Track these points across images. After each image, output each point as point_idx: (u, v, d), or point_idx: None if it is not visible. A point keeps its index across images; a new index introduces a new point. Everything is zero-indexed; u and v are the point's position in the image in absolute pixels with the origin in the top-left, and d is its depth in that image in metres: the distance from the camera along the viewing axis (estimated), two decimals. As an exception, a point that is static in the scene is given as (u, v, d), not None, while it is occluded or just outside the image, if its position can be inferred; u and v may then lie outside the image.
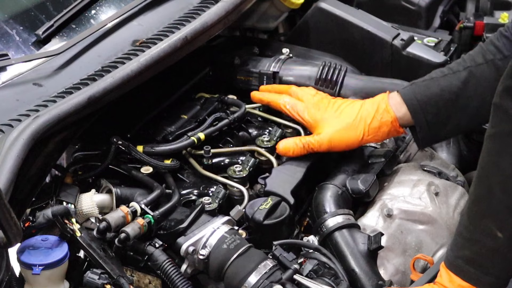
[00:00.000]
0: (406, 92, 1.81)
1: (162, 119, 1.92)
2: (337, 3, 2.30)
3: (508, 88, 1.36)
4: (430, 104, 1.78)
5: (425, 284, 1.54)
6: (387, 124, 1.82)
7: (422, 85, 1.81)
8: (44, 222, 1.61)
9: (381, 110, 1.82)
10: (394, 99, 1.82)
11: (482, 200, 1.43)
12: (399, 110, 1.80)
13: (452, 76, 1.78)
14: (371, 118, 1.82)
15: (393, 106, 1.81)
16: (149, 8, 1.97)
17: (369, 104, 1.84)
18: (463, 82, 1.77)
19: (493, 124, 1.41)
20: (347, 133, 1.83)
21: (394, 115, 1.81)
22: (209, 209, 1.71)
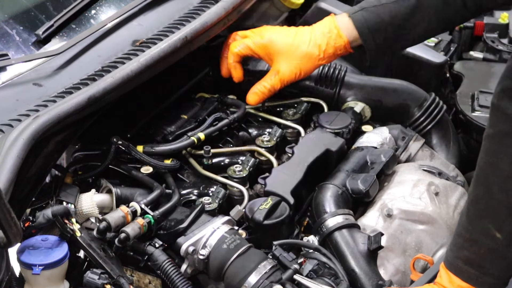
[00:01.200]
0: (357, 19, 1.90)
1: (162, 119, 1.92)
2: (337, 3, 2.30)
3: (506, 88, 1.36)
4: (380, 30, 1.89)
5: (425, 284, 1.54)
6: (341, 48, 1.92)
7: (372, 11, 1.89)
8: (44, 222, 1.61)
9: (333, 36, 1.91)
10: (345, 24, 1.91)
11: (481, 201, 1.43)
12: (350, 34, 1.90)
13: (401, 3, 1.87)
14: (325, 44, 1.92)
15: (344, 31, 1.90)
16: (149, 8, 1.97)
17: (319, 31, 1.93)
18: (412, 9, 1.86)
19: (491, 125, 1.41)
20: (304, 63, 1.93)
21: (346, 39, 1.91)
22: (209, 209, 1.72)
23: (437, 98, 2.10)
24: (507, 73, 1.36)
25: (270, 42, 1.94)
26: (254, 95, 1.96)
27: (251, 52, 1.97)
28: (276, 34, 1.96)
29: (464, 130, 2.17)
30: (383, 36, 1.89)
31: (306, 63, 1.93)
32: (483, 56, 2.43)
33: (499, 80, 1.38)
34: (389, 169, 1.88)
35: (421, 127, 2.08)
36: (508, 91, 1.36)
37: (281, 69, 1.93)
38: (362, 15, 1.90)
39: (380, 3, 1.89)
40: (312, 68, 1.95)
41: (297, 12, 2.39)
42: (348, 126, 1.98)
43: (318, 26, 1.94)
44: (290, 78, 1.94)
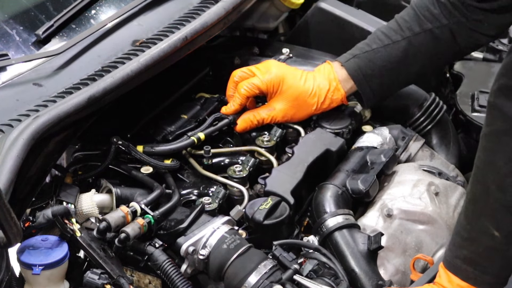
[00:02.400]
0: (351, 67, 1.90)
1: (162, 119, 1.92)
2: (337, 3, 2.30)
3: (502, 87, 1.36)
4: (374, 76, 1.89)
5: (425, 284, 1.54)
6: (337, 102, 1.94)
7: (364, 57, 1.89)
8: (44, 222, 1.61)
9: (332, 89, 1.92)
10: (341, 75, 1.91)
11: (479, 199, 1.43)
12: (346, 85, 1.91)
13: (392, 46, 1.87)
14: (323, 97, 1.92)
15: (342, 83, 1.91)
16: (149, 8, 1.97)
17: (321, 80, 1.92)
18: (403, 51, 1.87)
19: (488, 123, 1.41)
20: (300, 110, 1.93)
21: (344, 93, 1.92)
22: (209, 209, 1.71)
23: (437, 98, 2.10)
24: (503, 71, 1.37)
25: (278, 81, 1.91)
26: (243, 122, 1.93)
27: (258, 92, 1.93)
28: (285, 74, 1.92)
29: (464, 130, 2.17)
30: (378, 81, 1.90)
31: (301, 112, 1.93)
32: (483, 56, 2.42)
33: (495, 79, 1.38)
34: (389, 169, 1.88)
35: (421, 127, 2.08)
36: (505, 89, 1.36)
37: (276, 108, 1.92)
38: (355, 63, 1.90)
39: (371, 49, 1.89)
40: (303, 117, 1.95)
41: (297, 12, 2.40)
42: (348, 126, 1.98)
43: (320, 77, 1.92)
44: (281, 119, 1.94)
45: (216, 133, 1.93)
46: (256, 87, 1.92)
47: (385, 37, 1.88)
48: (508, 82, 1.35)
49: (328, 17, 2.27)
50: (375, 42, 1.89)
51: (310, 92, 1.91)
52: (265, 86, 1.92)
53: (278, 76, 1.91)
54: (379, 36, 1.89)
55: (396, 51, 1.87)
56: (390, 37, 1.87)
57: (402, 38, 1.86)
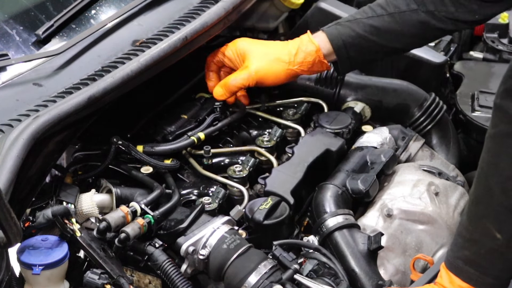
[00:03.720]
0: (331, 32, 1.91)
1: (162, 119, 1.92)
2: (337, 3, 2.30)
3: (508, 89, 1.36)
4: (353, 44, 1.89)
5: (425, 284, 1.54)
6: (312, 54, 1.91)
7: (346, 25, 1.91)
8: (44, 222, 1.61)
9: (305, 42, 1.92)
10: (319, 37, 1.92)
11: (482, 201, 1.42)
12: (324, 47, 1.91)
13: (376, 19, 1.89)
14: (296, 49, 1.91)
15: (318, 42, 1.91)
16: (149, 8, 1.97)
17: (292, 41, 1.95)
18: (386, 26, 1.88)
19: (493, 125, 1.41)
20: (273, 65, 1.91)
21: (317, 45, 1.91)
22: (209, 209, 1.72)
23: (437, 98, 2.10)
24: (510, 74, 1.36)
25: (243, 45, 1.95)
26: (220, 88, 1.94)
27: (225, 58, 1.97)
28: (249, 41, 1.97)
29: (464, 130, 2.17)
30: (357, 49, 1.90)
31: (275, 67, 1.91)
32: (483, 56, 2.42)
33: (502, 80, 1.38)
34: (389, 169, 1.88)
35: (421, 127, 2.08)
36: (511, 92, 1.35)
37: (249, 66, 1.92)
38: (336, 28, 1.91)
39: (354, 18, 1.91)
40: (282, 72, 1.92)
41: (297, 12, 2.39)
42: (348, 126, 1.98)
43: (293, 39, 1.96)
44: (257, 75, 1.91)
45: (216, 133, 1.93)
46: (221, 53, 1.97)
47: (370, 11, 1.90)
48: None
49: (328, 17, 2.26)
50: (359, 13, 1.92)
51: (281, 48, 1.92)
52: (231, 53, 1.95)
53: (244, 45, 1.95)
54: (364, 9, 1.92)
55: (378, 24, 1.88)
56: (375, 11, 1.90)
57: (387, 13, 1.88)
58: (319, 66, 1.94)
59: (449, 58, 2.31)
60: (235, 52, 1.95)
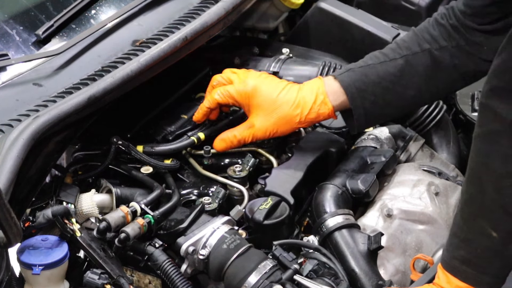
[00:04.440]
0: (344, 79, 1.78)
1: (162, 119, 1.92)
2: (337, 3, 2.30)
3: (494, 87, 1.36)
4: (368, 92, 1.78)
5: (424, 284, 1.54)
6: (324, 115, 1.80)
7: (359, 72, 1.79)
8: (44, 222, 1.61)
9: (318, 102, 1.79)
10: (332, 87, 1.79)
11: (475, 200, 1.42)
12: (337, 99, 1.78)
13: (389, 63, 1.78)
14: (309, 109, 1.79)
15: (331, 95, 1.78)
16: (149, 8, 1.97)
17: (307, 92, 1.80)
18: (400, 70, 1.77)
19: (480, 124, 1.41)
20: (283, 124, 1.80)
21: (331, 107, 1.79)
22: (209, 209, 1.71)
23: (437, 98, 2.10)
24: (494, 72, 1.36)
25: (253, 93, 1.80)
26: (222, 142, 1.83)
27: (232, 100, 1.82)
28: (262, 85, 1.81)
29: (464, 130, 2.17)
30: (372, 99, 1.78)
31: (284, 125, 1.80)
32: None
33: (486, 79, 1.38)
34: (389, 169, 1.88)
35: (421, 127, 2.08)
36: (497, 90, 1.36)
37: (256, 124, 1.80)
38: (349, 76, 1.79)
39: (367, 64, 1.80)
40: (289, 130, 1.82)
41: (297, 12, 2.39)
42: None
43: (306, 88, 1.80)
44: (263, 135, 1.81)
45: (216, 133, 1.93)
46: (229, 95, 1.82)
47: (382, 55, 1.80)
48: (500, 83, 1.35)
49: (328, 17, 2.26)
50: (371, 59, 1.81)
51: (292, 103, 1.78)
52: (238, 95, 1.81)
53: (254, 87, 1.80)
54: (376, 55, 1.82)
55: (392, 69, 1.78)
56: (387, 55, 1.80)
57: (400, 57, 1.78)
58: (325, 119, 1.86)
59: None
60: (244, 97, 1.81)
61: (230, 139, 1.83)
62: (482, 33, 1.73)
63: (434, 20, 1.79)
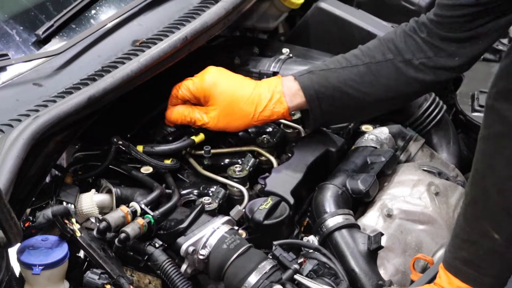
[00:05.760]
0: (304, 81, 1.80)
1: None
2: (337, 3, 2.30)
3: (500, 89, 1.36)
4: (326, 95, 1.79)
5: (425, 284, 1.54)
6: (278, 114, 1.82)
7: (320, 74, 1.80)
8: (44, 222, 1.61)
9: (274, 100, 1.80)
10: (290, 88, 1.80)
11: (478, 202, 1.42)
12: (294, 100, 1.80)
13: (351, 69, 1.79)
14: (263, 106, 1.80)
15: (288, 96, 1.80)
16: (149, 8, 1.97)
17: (263, 89, 1.81)
18: (360, 76, 1.78)
19: (486, 126, 1.41)
20: (235, 118, 1.82)
21: (286, 107, 1.80)
22: (209, 209, 1.72)
23: (437, 98, 2.10)
24: (502, 74, 1.36)
25: (210, 87, 1.81)
26: (177, 113, 1.85)
27: (190, 95, 1.84)
28: (220, 80, 1.82)
29: (464, 130, 2.17)
30: (330, 102, 1.79)
31: (236, 120, 1.82)
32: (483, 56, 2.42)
33: (493, 81, 1.38)
34: (389, 169, 1.88)
35: (421, 127, 2.08)
36: (504, 92, 1.36)
37: (210, 114, 1.82)
38: (309, 78, 1.80)
39: (328, 68, 1.81)
40: (241, 126, 1.83)
41: (297, 12, 2.39)
42: (348, 126, 1.98)
43: (263, 86, 1.82)
44: (213, 126, 1.82)
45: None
46: (187, 90, 1.83)
47: (345, 60, 1.81)
48: (507, 85, 1.35)
49: (328, 17, 2.27)
50: (333, 63, 1.82)
51: (247, 99, 1.79)
52: (196, 90, 1.82)
53: (210, 83, 1.81)
54: (338, 59, 1.82)
55: (353, 75, 1.78)
56: (350, 61, 1.80)
57: (362, 63, 1.78)
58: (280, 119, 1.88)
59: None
60: (202, 93, 1.82)
61: (185, 113, 1.84)
62: (454, 42, 1.72)
63: (403, 32, 1.78)
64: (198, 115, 1.83)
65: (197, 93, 1.83)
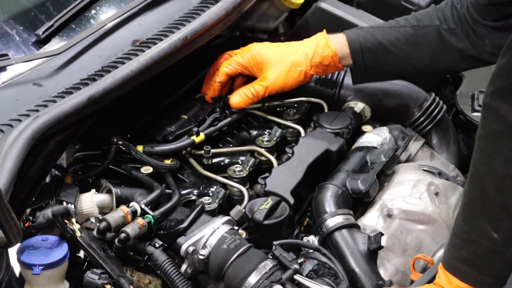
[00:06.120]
0: (351, 34, 1.91)
1: (162, 119, 1.92)
2: (337, 3, 2.30)
3: (498, 88, 1.36)
4: (370, 49, 1.89)
5: (425, 284, 1.54)
6: (327, 58, 1.91)
7: (368, 31, 1.91)
8: (44, 222, 1.61)
9: (321, 45, 1.91)
10: (338, 39, 1.92)
11: (476, 201, 1.43)
12: (341, 49, 1.91)
13: (398, 29, 1.89)
14: (312, 53, 1.91)
15: (334, 44, 1.91)
16: (149, 8, 1.97)
17: (308, 41, 1.94)
18: (406, 37, 1.88)
19: (483, 125, 1.41)
20: (292, 73, 1.92)
21: (334, 50, 1.90)
22: (209, 209, 1.72)
23: (437, 98, 2.10)
24: (498, 73, 1.36)
25: (258, 53, 1.93)
26: (238, 96, 1.93)
27: (241, 68, 1.95)
28: (264, 46, 1.96)
29: (464, 130, 2.17)
30: (373, 56, 1.89)
31: (292, 73, 1.91)
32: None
33: (490, 80, 1.38)
34: (389, 169, 1.88)
35: (421, 127, 2.08)
36: (501, 91, 1.36)
37: (267, 77, 1.91)
38: (356, 32, 1.91)
39: (377, 26, 1.93)
40: (299, 78, 1.93)
41: (297, 12, 2.39)
42: (348, 126, 1.98)
43: (307, 40, 1.95)
44: (275, 86, 1.92)
45: (216, 133, 1.93)
46: (237, 64, 1.94)
47: (394, 21, 1.91)
48: (504, 84, 1.35)
49: (328, 17, 2.26)
50: (384, 23, 1.93)
51: (296, 51, 1.91)
52: (246, 61, 1.93)
53: (258, 51, 1.93)
54: (390, 21, 1.93)
55: (399, 35, 1.88)
56: (399, 22, 1.90)
57: (410, 25, 1.88)
58: (334, 69, 1.95)
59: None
60: (252, 60, 1.94)
61: (246, 93, 1.92)
62: (485, 27, 1.80)
63: (451, 3, 1.87)
64: (258, 86, 1.92)
65: (248, 64, 1.94)
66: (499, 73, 1.36)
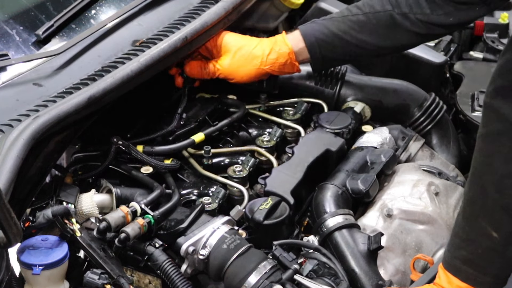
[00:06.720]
0: (305, 29, 1.94)
1: (162, 119, 1.92)
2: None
3: (498, 88, 1.36)
4: (327, 42, 1.93)
5: (425, 284, 1.54)
6: (284, 56, 1.94)
7: (321, 23, 1.94)
8: (44, 222, 1.61)
9: (279, 43, 1.95)
10: (293, 35, 1.95)
11: (476, 201, 1.42)
12: (297, 45, 1.94)
13: (350, 18, 1.92)
14: (270, 49, 1.94)
15: (291, 41, 1.94)
16: (149, 8, 1.97)
17: (268, 39, 1.98)
18: (359, 25, 1.91)
19: (484, 124, 1.41)
20: (246, 64, 1.94)
21: (291, 47, 1.94)
22: (209, 209, 1.72)
23: (437, 98, 2.10)
24: (499, 72, 1.36)
25: (221, 37, 1.96)
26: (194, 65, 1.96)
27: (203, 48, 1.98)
28: (231, 34, 1.98)
29: (464, 130, 2.17)
30: (330, 48, 1.93)
31: (247, 65, 1.94)
32: (483, 56, 2.42)
33: (490, 79, 1.38)
34: (389, 169, 1.88)
35: (421, 127, 2.08)
36: (501, 90, 1.36)
37: (222, 61, 1.95)
38: (310, 26, 1.94)
39: (330, 18, 1.95)
40: (251, 72, 1.94)
41: (297, 12, 2.39)
42: (348, 126, 1.98)
43: (268, 38, 1.98)
44: (226, 71, 1.95)
45: (216, 133, 1.93)
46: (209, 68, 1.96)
47: (347, 11, 1.94)
48: (504, 83, 1.35)
49: (328, 17, 2.26)
50: (337, 14, 1.96)
51: (255, 45, 1.94)
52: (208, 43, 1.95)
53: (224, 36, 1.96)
54: (342, 10, 1.96)
55: (352, 23, 1.91)
56: (351, 11, 1.93)
57: (362, 13, 1.91)
58: (290, 68, 1.96)
59: (449, 58, 2.32)
60: (214, 41, 1.97)
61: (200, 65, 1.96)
62: (452, 2, 1.83)
63: None
64: (211, 65, 1.95)
65: (209, 44, 1.96)
66: (499, 72, 1.36)
